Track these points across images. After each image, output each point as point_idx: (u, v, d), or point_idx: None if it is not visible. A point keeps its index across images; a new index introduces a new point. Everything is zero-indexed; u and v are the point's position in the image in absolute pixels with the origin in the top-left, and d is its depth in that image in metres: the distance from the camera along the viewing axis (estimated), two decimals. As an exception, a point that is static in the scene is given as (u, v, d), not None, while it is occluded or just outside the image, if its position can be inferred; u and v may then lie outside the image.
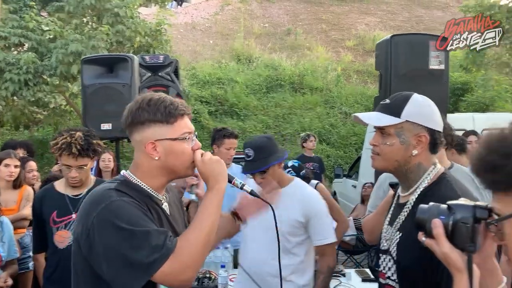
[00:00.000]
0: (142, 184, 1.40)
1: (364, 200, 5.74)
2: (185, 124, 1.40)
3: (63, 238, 2.53)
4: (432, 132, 1.42)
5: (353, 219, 5.35)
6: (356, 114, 1.50)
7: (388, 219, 1.56)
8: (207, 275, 3.07)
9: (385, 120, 1.43)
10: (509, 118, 0.94)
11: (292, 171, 3.53)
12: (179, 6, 19.55)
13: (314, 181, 3.76)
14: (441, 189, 1.37)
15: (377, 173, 3.22)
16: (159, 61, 4.05)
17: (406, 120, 1.41)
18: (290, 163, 3.65)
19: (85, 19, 9.11)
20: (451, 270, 1.03)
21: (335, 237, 2.45)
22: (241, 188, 1.49)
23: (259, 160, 2.31)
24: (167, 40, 9.23)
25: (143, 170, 1.40)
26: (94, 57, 3.98)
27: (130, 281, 1.22)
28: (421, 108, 1.43)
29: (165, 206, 1.46)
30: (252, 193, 1.50)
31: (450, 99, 11.13)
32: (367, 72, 15.94)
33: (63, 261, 2.51)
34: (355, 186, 7.67)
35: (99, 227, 1.25)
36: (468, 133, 4.15)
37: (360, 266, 4.86)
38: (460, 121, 5.16)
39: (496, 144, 0.85)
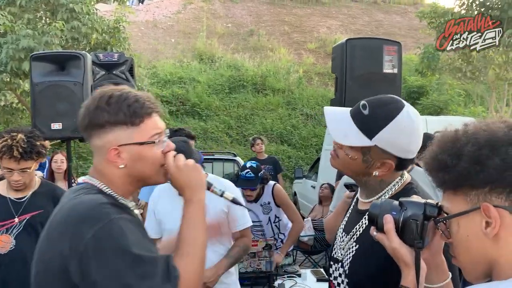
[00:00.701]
0: (114, 194, 1.20)
1: (321, 200, 5.80)
2: (154, 124, 1.20)
3: (3, 243, 2.41)
4: (400, 159, 1.28)
5: (311, 220, 5.41)
6: (327, 110, 1.34)
7: (343, 225, 1.45)
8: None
9: (352, 139, 1.28)
10: (459, 121, 0.96)
11: (250, 172, 3.52)
12: (140, 4, 19.21)
13: (271, 182, 3.78)
14: None
15: (339, 175, 3.28)
16: (113, 59, 3.94)
17: (376, 145, 1.26)
18: (248, 164, 3.64)
19: (38, 14, 8.75)
20: (399, 264, 1.05)
21: (251, 221, 2.56)
22: (221, 195, 1.33)
23: None
24: (126, 38, 9.02)
25: (108, 178, 1.20)
26: (44, 53, 3.81)
27: None
28: (399, 137, 1.26)
29: (137, 213, 1.27)
30: (234, 201, 1.36)
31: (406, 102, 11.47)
32: (328, 74, 16.20)
33: (3, 267, 2.41)
34: (314, 187, 7.76)
35: (97, 251, 1.03)
36: (425, 135, 4.28)
37: (318, 266, 4.92)
38: (414, 123, 5.31)
39: (448, 145, 0.87)
